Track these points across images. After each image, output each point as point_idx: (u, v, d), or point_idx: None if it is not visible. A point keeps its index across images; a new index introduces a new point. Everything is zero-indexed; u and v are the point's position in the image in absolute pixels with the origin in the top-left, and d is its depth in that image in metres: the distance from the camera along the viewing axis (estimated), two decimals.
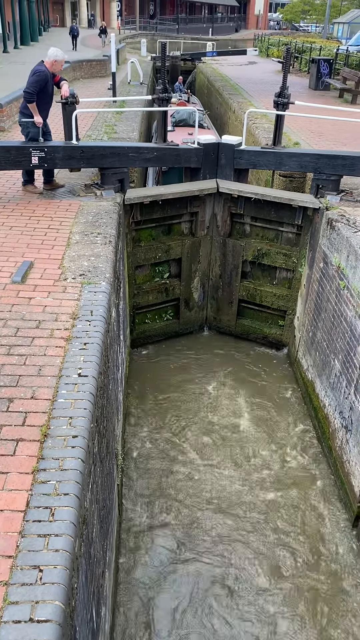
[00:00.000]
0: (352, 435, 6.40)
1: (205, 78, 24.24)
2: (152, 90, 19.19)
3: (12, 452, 3.20)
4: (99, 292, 5.09)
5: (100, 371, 4.12)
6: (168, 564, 5.80)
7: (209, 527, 6.27)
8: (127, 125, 11.97)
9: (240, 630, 5.23)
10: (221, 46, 42.00)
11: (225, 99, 17.42)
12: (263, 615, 5.36)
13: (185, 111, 13.80)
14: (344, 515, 6.51)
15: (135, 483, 6.76)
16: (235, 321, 9.87)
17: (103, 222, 6.84)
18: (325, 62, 18.76)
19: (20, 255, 5.78)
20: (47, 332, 4.41)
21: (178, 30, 57.26)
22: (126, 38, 37.59)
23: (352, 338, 6.54)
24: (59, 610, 2.38)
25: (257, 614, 5.37)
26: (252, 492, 6.76)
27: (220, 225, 9.39)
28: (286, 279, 9.28)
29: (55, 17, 47.07)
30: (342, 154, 8.36)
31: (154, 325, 9.61)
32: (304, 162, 8.39)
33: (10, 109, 11.28)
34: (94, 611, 3.53)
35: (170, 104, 9.30)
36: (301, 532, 6.30)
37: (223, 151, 8.83)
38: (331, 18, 49.29)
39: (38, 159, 7.46)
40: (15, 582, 2.48)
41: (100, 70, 20.33)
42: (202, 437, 7.59)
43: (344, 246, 6.96)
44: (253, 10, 75.43)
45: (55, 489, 2.96)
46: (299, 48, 26.32)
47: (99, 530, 3.93)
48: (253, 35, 49.72)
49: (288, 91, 8.67)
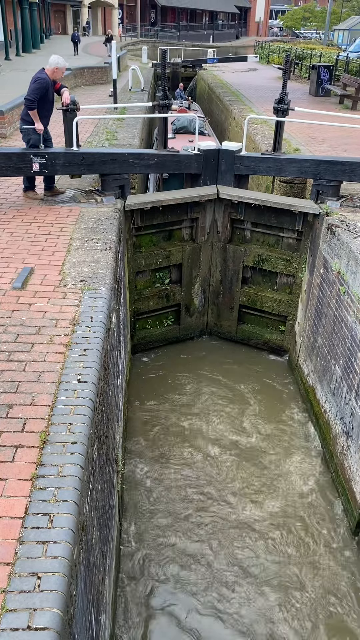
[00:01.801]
0: (353, 441, 6.38)
1: (206, 85, 24.35)
2: (153, 97, 19.32)
3: (11, 459, 3.20)
4: (99, 298, 5.10)
5: (99, 377, 4.11)
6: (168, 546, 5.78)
7: (205, 532, 6.24)
8: (128, 132, 12.02)
9: (237, 629, 5.20)
10: (222, 53, 42.24)
11: (225, 106, 17.49)
12: (256, 624, 5.33)
13: (185, 118, 13.84)
14: (345, 521, 6.48)
15: (137, 490, 6.74)
16: (236, 327, 9.87)
17: (103, 228, 6.85)
18: (325, 68, 18.84)
19: (20, 262, 5.79)
20: (47, 338, 4.42)
21: (179, 37, 57.62)
22: (127, 45, 37.82)
23: (353, 343, 6.53)
24: (57, 617, 2.37)
25: (253, 620, 5.34)
26: (252, 499, 6.73)
27: (221, 231, 9.41)
28: (287, 285, 9.29)
29: (57, 24, 47.40)
30: (342, 159, 8.38)
31: (154, 331, 9.61)
32: (304, 168, 8.41)
33: (11, 116, 11.34)
34: (93, 618, 3.51)
35: (170, 110, 9.35)
36: (301, 538, 6.27)
37: (223, 157, 8.86)
38: (331, 25, 49.57)
39: (39, 166, 7.49)
40: (14, 590, 2.47)
41: (101, 77, 20.44)
42: (202, 442, 7.57)
43: (344, 252, 6.97)
44: (253, 17, 75.97)
45: (54, 496, 2.95)
46: (299, 55, 26.44)
47: (99, 537, 3.92)
48: (254, 42, 49.99)
49: (288, 97, 8.71)
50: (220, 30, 70.83)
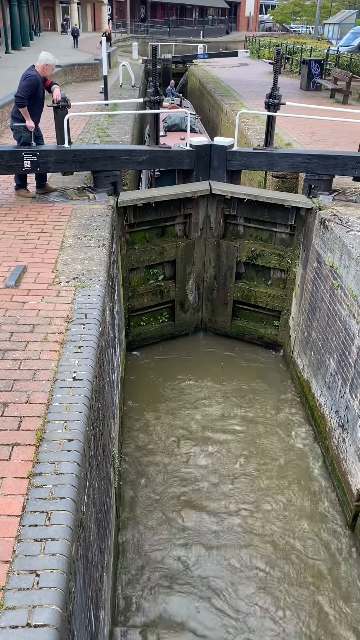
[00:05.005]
0: (348, 434, 6.41)
1: (197, 80, 24.30)
2: (144, 93, 19.25)
3: (7, 457, 3.19)
4: (93, 295, 5.09)
5: (95, 374, 4.11)
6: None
7: (204, 524, 6.27)
8: (120, 129, 11.98)
9: (238, 623, 5.23)
10: (212, 48, 42.07)
11: (217, 101, 17.47)
12: (256, 619, 5.36)
13: (177, 116, 13.78)
14: (341, 514, 6.52)
15: (133, 485, 6.75)
16: (230, 322, 9.88)
17: (96, 225, 6.84)
18: (316, 62, 18.85)
19: (13, 260, 5.77)
20: (42, 336, 4.41)
21: (169, 33, 57.38)
22: (117, 41, 37.59)
23: (347, 337, 6.56)
24: (56, 614, 2.37)
25: (251, 615, 5.37)
26: (247, 492, 6.76)
27: (214, 227, 9.41)
28: (280, 280, 9.30)
29: (46, 21, 47.10)
30: (334, 154, 8.39)
31: (149, 328, 9.61)
32: (296, 162, 8.41)
33: (1, 113, 11.28)
34: (92, 615, 3.52)
35: (162, 107, 9.32)
36: (297, 532, 6.30)
37: (215, 153, 8.85)
38: (321, 19, 49.51)
39: (30, 163, 7.45)
40: (12, 587, 2.47)
41: (91, 74, 20.35)
42: (198, 437, 7.59)
43: (337, 246, 6.98)
44: (244, 12, 75.77)
45: (51, 493, 2.95)
46: (289, 49, 26.41)
47: (97, 534, 3.92)
48: (244, 37, 49.89)
49: (279, 92, 8.70)
50: (210, 26, 70.55)
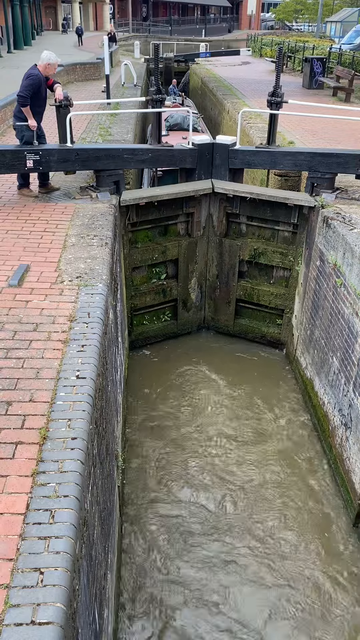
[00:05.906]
0: (351, 432, 6.40)
1: (199, 79, 24.27)
2: (146, 92, 19.23)
3: (11, 455, 3.20)
4: (95, 294, 5.10)
5: (98, 373, 4.11)
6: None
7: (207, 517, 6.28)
8: (122, 128, 11.98)
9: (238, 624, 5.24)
10: (214, 47, 42.06)
11: (219, 100, 17.45)
12: (258, 612, 5.37)
13: (179, 115, 13.75)
14: (345, 513, 6.51)
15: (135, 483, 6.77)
16: (233, 321, 9.87)
17: (99, 224, 6.84)
18: (318, 61, 18.79)
19: (16, 259, 5.78)
20: (45, 334, 4.41)
21: (171, 32, 57.28)
22: (119, 40, 37.61)
23: (350, 335, 6.54)
24: (60, 612, 2.38)
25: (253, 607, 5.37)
26: (251, 490, 6.76)
27: (216, 225, 9.40)
28: (283, 278, 9.29)
29: (48, 20, 47.08)
30: (337, 152, 8.37)
31: (152, 327, 9.61)
32: (299, 160, 8.40)
33: (4, 113, 11.29)
34: (96, 613, 3.52)
35: (164, 106, 9.31)
36: (301, 530, 6.30)
37: (218, 151, 8.84)
38: (324, 17, 49.41)
39: (33, 162, 7.46)
40: (17, 585, 2.48)
41: (94, 73, 20.35)
42: (202, 436, 7.59)
43: (340, 244, 6.97)
44: (246, 10, 75.57)
45: (55, 491, 2.96)
46: (292, 47, 26.35)
47: (100, 532, 3.93)
48: (246, 36, 49.78)
49: (281, 90, 8.69)
50: (212, 24, 70.38)
